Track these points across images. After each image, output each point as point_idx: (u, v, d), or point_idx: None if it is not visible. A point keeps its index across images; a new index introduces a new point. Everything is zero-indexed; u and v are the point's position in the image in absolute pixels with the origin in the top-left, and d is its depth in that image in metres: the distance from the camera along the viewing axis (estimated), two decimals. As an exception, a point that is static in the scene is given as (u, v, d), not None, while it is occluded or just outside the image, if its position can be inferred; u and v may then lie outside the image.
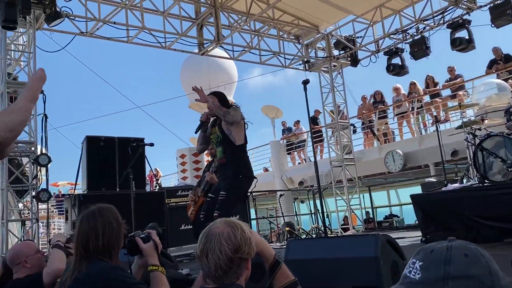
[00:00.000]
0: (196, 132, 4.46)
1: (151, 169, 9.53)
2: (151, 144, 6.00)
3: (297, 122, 15.29)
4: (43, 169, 7.12)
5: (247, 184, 4.37)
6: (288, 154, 15.61)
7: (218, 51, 10.96)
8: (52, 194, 13.42)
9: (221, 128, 4.29)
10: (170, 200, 7.77)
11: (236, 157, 4.26)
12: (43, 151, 6.98)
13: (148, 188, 10.60)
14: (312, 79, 9.55)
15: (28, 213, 7.17)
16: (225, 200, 4.14)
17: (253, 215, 10.53)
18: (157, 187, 10.34)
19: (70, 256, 2.68)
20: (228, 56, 10.06)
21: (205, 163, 8.16)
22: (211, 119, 4.44)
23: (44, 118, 7.08)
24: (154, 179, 11.92)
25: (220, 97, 4.43)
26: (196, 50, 9.66)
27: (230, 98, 20.10)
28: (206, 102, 4.28)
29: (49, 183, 8.27)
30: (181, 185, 8.89)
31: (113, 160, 6.67)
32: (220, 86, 18.32)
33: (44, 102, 7.09)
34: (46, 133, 7.08)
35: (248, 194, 8.96)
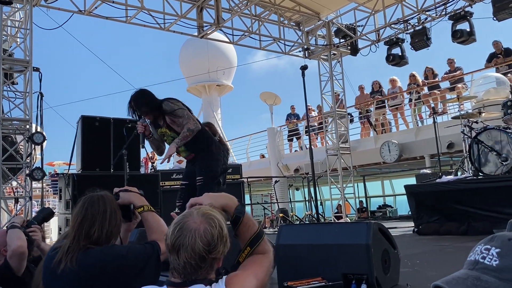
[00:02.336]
0: (143, 146, 4.16)
1: (147, 152, 9.48)
2: (147, 126, 5.95)
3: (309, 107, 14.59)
4: (38, 148, 7.09)
5: (220, 161, 4.21)
6: (290, 140, 15.48)
7: (217, 35, 10.86)
8: (47, 173, 13.40)
9: (172, 130, 4.00)
10: (164, 183, 7.77)
11: (201, 144, 4.07)
12: (38, 130, 6.94)
13: (143, 171, 10.58)
14: (312, 66, 9.54)
15: (22, 191, 7.15)
16: (203, 184, 3.99)
17: (247, 201, 10.57)
18: (152, 169, 10.32)
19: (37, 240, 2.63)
20: (228, 40, 9.96)
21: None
22: (148, 122, 4.08)
23: (39, 96, 7.02)
24: (150, 162, 11.89)
25: (148, 106, 3.94)
26: (196, 33, 9.56)
27: (229, 83, 20.06)
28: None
29: (45, 162, 8.25)
30: (176, 168, 8.88)
31: (108, 140, 6.64)
32: (219, 70, 18.22)
33: (40, 81, 7.04)
34: (41, 111, 7.03)
35: (244, 180, 9.00)
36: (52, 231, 11.08)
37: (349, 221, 10.10)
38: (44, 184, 10.60)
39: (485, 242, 0.89)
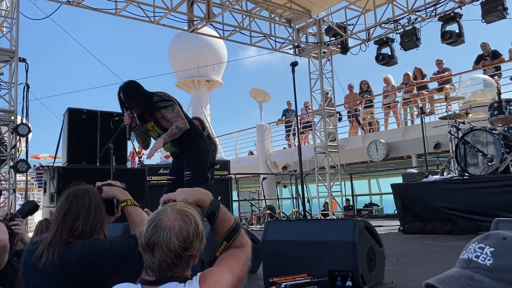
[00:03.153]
0: (129, 139, 4.06)
1: (134, 146, 9.39)
2: (134, 120, 5.90)
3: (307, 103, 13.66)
4: (23, 140, 6.98)
5: (208, 157, 4.14)
6: (288, 135, 15.39)
7: (208, 30, 10.80)
8: (32, 165, 13.20)
9: (160, 125, 3.93)
10: (151, 178, 7.70)
11: (189, 141, 3.98)
12: (23, 121, 6.83)
13: (129, 165, 10.49)
14: (302, 64, 9.54)
15: (6, 184, 7.04)
16: (190, 179, 3.91)
17: (235, 197, 10.55)
18: (139, 164, 10.23)
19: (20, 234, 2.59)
20: (218, 35, 9.91)
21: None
22: (135, 115, 3.98)
23: (25, 87, 6.91)
24: (136, 156, 11.79)
25: (137, 98, 3.90)
26: (186, 27, 9.49)
27: (219, 78, 19.99)
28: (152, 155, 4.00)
29: (30, 155, 8.12)
30: (163, 163, 8.81)
31: (95, 134, 6.55)
32: (208, 65, 18.13)
33: (27, 72, 6.92)
34: (27, 103, 6.92)
35: (232, 176, 8.97)
36: (36, 224, 10.93)
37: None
38: (28, 177, 10.45)
39: (479, 240, 0.87)
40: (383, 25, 9.77)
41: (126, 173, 6.86)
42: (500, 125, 6.20)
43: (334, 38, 10.60)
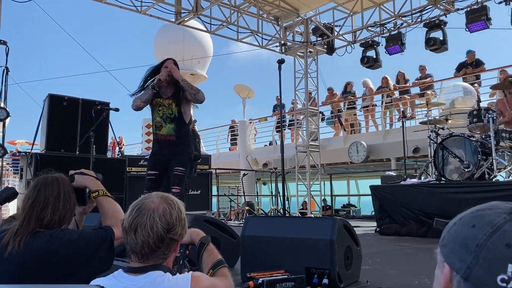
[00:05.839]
0: (153, 90, 4.08)
1: (114, 136, 9.29)
2: (116, 109, 5.84)
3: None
4: (0, 124, 6.82)
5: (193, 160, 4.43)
6: (278, 131, 15.34)
7: (195, 23, 10.72)
8: (8, 151, 12.92)
9: (179, 106, 4.08)
10: (131, 169, 7.63)
11: (186, 136, 4.19)
12: (1, 105, 6.67)
13: (109, 155, 10.37)
14: (288, 62, 9.55)
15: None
16: (183, 176, 4.04)
17: (214, 192, 10.54)
18: (119, 154, 10.12)
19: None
20: (205, 29, 9.85)
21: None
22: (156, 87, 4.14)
23: (5, 71, 6.74)
24: (117, 147, 11.66)
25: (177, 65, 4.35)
26: (173, 19, 9.40)
27: (203, 72, 19.86)
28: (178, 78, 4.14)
29: (7, 141, 7.95)
30: (144, 155, 8.73)
31: (75, 121, 6.45)
32: (194, 59, 18.01)
33: (7, 55, 6.75)
34: (6, 87, 6.75)
35: (212, 171, 8.95)
36: (10, 211, 10.72)
37: (314, 218, 10.20)
38: (4, 163, 10.23)
39: None
40: (369, 28, 9.87)
41: (106, 163, 6.77)
42: (478, 132, 6.34)
43: (320, 38, 10.65)
